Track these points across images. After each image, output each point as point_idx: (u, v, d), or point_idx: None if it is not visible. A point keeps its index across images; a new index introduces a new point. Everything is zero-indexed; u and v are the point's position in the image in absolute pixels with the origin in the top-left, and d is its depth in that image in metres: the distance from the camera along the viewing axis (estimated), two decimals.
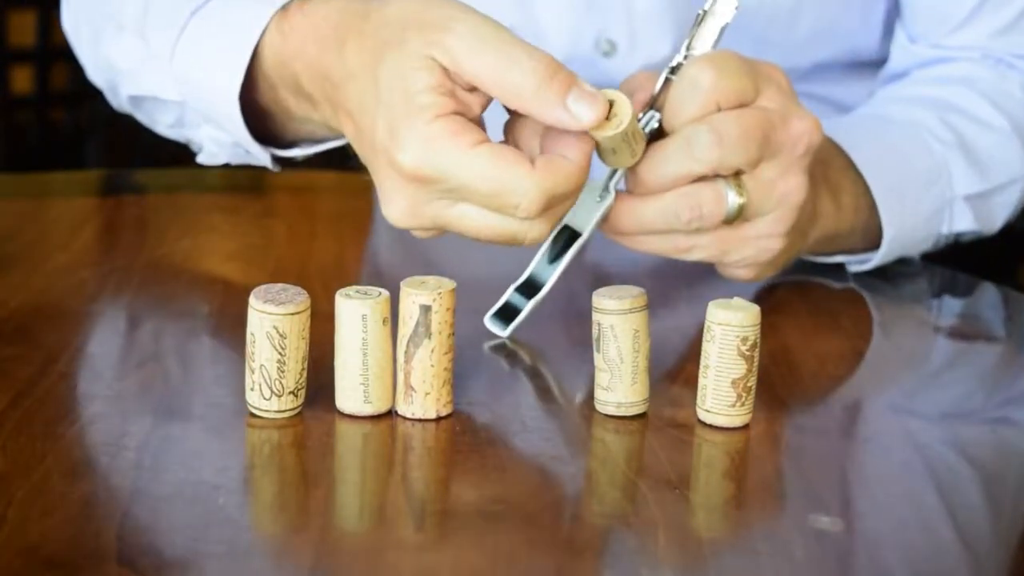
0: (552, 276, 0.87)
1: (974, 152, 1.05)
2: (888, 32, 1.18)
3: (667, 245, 0.89)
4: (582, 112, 0.78)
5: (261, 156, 1.00)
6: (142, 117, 1.08)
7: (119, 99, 1.09)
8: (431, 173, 0.78)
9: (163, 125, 1.07)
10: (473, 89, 0.80)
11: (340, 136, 0.93)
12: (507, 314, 0.88)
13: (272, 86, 0.94)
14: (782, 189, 0.88)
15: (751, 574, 0.66)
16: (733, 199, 0.87)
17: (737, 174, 0.87)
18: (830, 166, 0.98)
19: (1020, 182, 1.08)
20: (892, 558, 0.68)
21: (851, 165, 1.00)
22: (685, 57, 0.87)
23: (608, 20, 1.14)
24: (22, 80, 2.80)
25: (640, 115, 0.88)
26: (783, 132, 0.88)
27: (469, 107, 0.80)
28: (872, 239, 1.02)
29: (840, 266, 1.04)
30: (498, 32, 0.79)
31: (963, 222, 1.05)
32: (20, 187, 1.23)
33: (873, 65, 1.20)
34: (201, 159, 1.05)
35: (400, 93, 0.79)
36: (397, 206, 0.81)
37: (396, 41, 0.80)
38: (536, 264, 0.88)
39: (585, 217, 0.87)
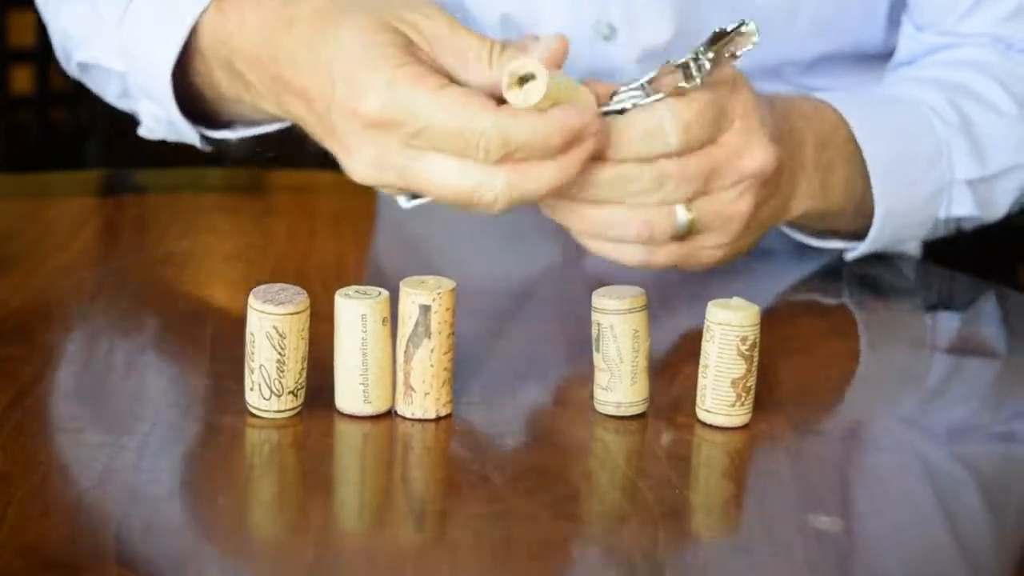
0: None
1: (978, 136, 1.05)
2: (893, 25, 1.18)
3: (617, 254, 0.91)
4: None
5: (190, 135, 1.02)
6: (91, 85, 1.10)
7: (71, 65, 1.10)
8: (395, 115, 0.80)
9: (111, 95, 1.08)
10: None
11: (272, 120, 0.96)
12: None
13: (207, 64, 0.96)
14: (730, 212, 0.90)
15: (751, 574, 0.66)
16: (683, 215, 0.88)
17: None
18: (828, 145, 0.98)
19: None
20: (891, 559, 0.68)
21: (852, 140, 1.00)
22: (693, 60, 0.87)
23: (608, 4, 1.15)
24: (22, 80, 2.80)
25: (623, 88, 0.88)
26: (733, 168, 0.89)
27: (431, 68, 0.83)
28: (867, 220, 1.02)
29: (834, 282, 1.03)
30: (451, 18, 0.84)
31: (963, 207, 1.05)
32: (20, 187, 1.23)
33: (879, 59, 1.20)
34: (141, 132, 1.07)
35: (360, 48, 0.82)
36: (361, 158, 0.83)
37: (358, 10, 0.83)
38: None
39: None
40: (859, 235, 1.03)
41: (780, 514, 0.72)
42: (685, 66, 0.87)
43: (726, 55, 0.87)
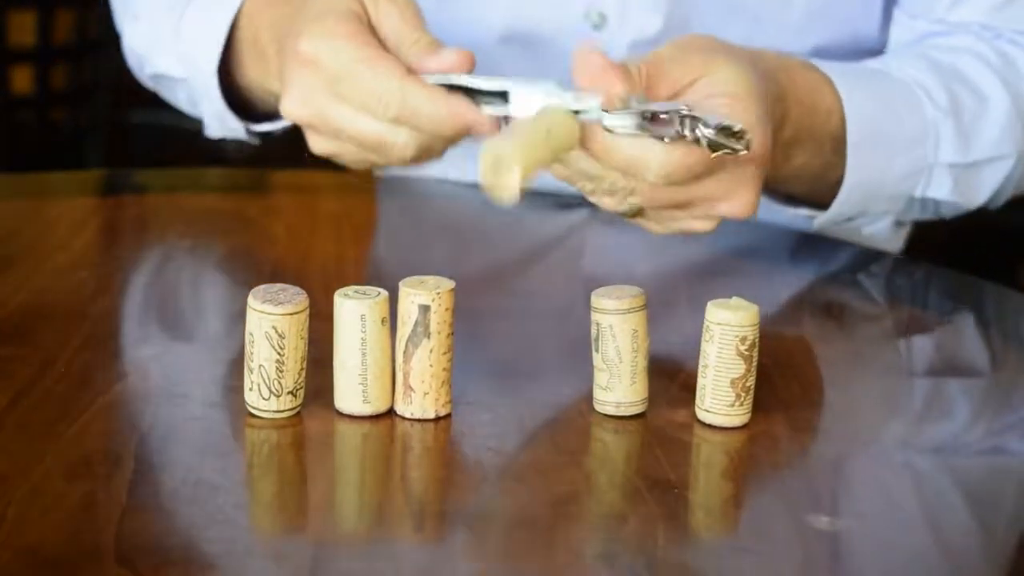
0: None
1: (966, 122, 1.05)
2: (888, 17, 1.18)
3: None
4: (446, 55, 0.89)
5: (236, 127, 1.11)
6: (166, 95, 1.20)
7: (145, 78, 1.20)
8: (320, 55, 0.89)
9: (183, 103, 1.18)
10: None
11: None
12: None
13: (244, 53, 1.05)
14: (683, 226, 0.91)
15: (750, 574, 0.66)
16: (633, 201, 0.88)
17: None
18: (815, 112, 0.98)
19: (1009, 160, 1.07)
20: (892, 558, 0.68)
21: (839, 109, 1.00)
22: (690, 121, 0.83)
23: None
24: (22, 80, 2.80)
25: (634, 103, 0.86)
26: (708, 207, 0.89)
27: (369, 31, 0.91)
28: (833, 190, 1.02)
29: (834, 284, 1.03)
30: (414, 8, 0.93)
31: (940, 190, 1.05)
32: (20, 187, 1.23)
33: (875, 52, 1.20)
34: (206, 132, 1.15)
35: (323, 3, 0.92)
36: (291, 95, 0.92)
37: None
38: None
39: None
40: (824, 204, 1.03)
41: (780, 514, 0.72)
42: (683, 120, 0.83)
43: (726, 149, 0.83)
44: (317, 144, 0.94)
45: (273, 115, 1.09)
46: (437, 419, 0.77)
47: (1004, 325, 1.03)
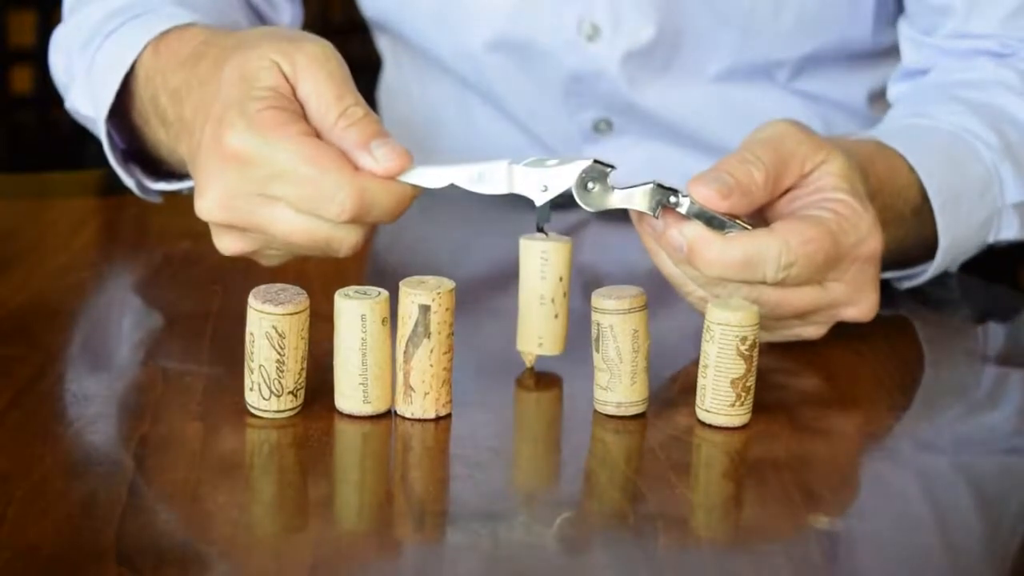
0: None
1: (1021, 157, 1.03)
2: (880, 22, 1.17)
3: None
4: (383, 156, 0.79)
5: (127, 180, 1.02)
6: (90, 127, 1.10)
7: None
8: (253, 153, 0.79)
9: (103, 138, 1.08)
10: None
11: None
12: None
13: (141, 105, 0.96)
14: (796, 332, 0.88)
15: (751, 574, 0.66)
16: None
17: None
18: (897, 195, 0.96)
19: None
20: (893, 558, 0.68)
21: (916, 182, 0.98)
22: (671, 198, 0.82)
23: (592, 3, 1.15)
24: (22, 80, 2.80)
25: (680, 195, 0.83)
26: (833, 313, 0.87)
27: (299, 117, 0.81)
28: (922, 250, 1.00)
29: None
30: (341, 69, 0.82)
31: (1010, 230, 1.03)
32: (20, 187, 1.23)
33: (866, 57, 1.20)
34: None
35: (239, 85, 0.81)
36: (212, 193, 0.81)
37: (248, 47, 0.83)
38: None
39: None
40: (906, 262, 1.01)
41: (780, 514, 0.72)
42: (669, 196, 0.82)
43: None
44: (230, 245, 0.84)
45: (181, 175, 1.00)
46: (437, 419, 0.77)
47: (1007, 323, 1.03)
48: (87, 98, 1.03)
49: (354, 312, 0.76)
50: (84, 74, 1.02)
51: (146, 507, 0.69)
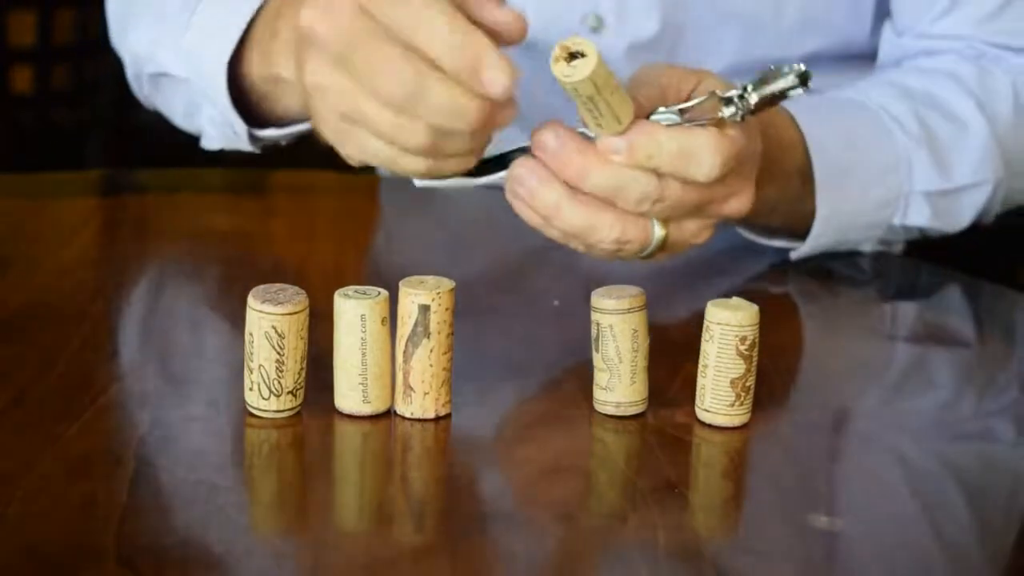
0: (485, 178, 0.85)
1: (942, 150, 1.05)
2: (879, 23, 1.18)
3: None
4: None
5: (240, 130, 1.05)
6: (162, 105, 1.15)
7: (143, 90, 1.16)
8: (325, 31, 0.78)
9: (178, 114, 1.13)
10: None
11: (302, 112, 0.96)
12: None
13: (258, 50, 0.99)
14: (689, 241, 0.89)
15: (750, 574, 0.66)
16: (658, 232, 0.87)
17: None
18: (780, 146, 0.98)
19: (989, 184, 1.07)
20: (894, 556, 0.68)
21: (802, 142, 1.00)
22: (739, 97, 0.85)
23: None
24: (22, 80, 2.80)
25: (662, 109, 0.86)
26: (717, 208, 0.88)
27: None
28: (809, 221, 1.02)
29: (825, 278, 1.03)
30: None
31: (920, 217, 1.05)
32: (20, 187, 1.23)
33: (866, 58, 1.20)
34: (203, 143, 1.10)
35: None
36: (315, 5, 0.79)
37: None
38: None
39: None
40: (802, 234, 1.04)
41: (780, 514, 0.72)
42: (728, 100, 0.84)
43: (776, 93, 0.84)
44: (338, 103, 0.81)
45: (277, 122, 1.05)
46: (437, 419, 0.77)
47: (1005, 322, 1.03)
48: (179, 58, 1.07)
49: (354, 312, 0.76)
50: (180, 33, 1.06)
51: (146, 507, 0.69)
